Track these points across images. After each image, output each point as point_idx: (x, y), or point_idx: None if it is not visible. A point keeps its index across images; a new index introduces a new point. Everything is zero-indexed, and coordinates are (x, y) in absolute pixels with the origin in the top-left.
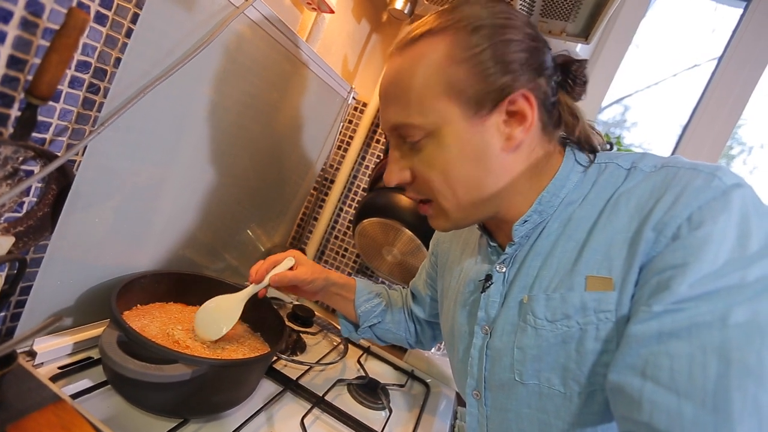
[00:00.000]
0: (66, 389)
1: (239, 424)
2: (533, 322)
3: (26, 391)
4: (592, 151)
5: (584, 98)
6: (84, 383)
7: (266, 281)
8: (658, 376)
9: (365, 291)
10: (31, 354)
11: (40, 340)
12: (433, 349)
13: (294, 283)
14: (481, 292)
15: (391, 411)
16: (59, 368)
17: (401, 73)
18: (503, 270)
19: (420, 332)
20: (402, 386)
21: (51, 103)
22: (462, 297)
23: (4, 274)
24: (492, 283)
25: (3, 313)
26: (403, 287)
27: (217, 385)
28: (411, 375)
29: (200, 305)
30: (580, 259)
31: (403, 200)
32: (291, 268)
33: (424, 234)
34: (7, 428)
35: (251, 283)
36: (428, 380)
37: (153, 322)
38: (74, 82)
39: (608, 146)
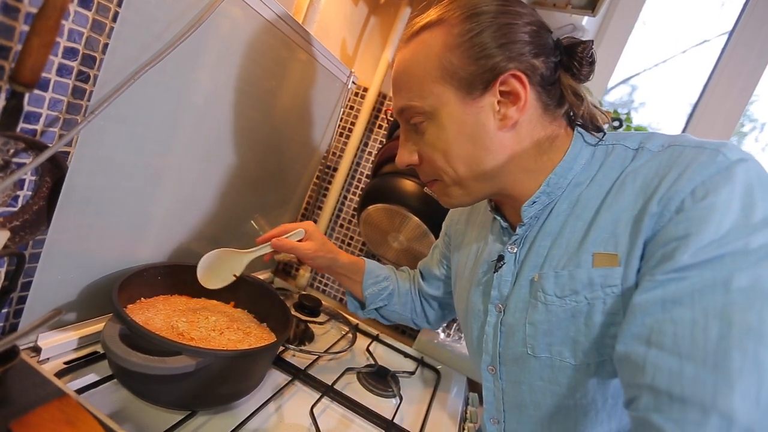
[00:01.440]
0: (72, 384)
1: (248, 415)
2: (543, 299)
3: (30, 387)
4: (599, 130)
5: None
6: (90, 378)
7: (265, 249)
8: (662, 342)
9: (373, 274)
10: (36, 350)
11: (45, 335)
12: (442, 336)
13: (293, 253)
14: (494, 272)
15: (401, 398)
16: (65, 363)
17: (405, 63)
18: (514, 250)
19: (428, 311)
20: (412, 373)
21: (39, 92)
22: (476, 277)
23: (3, 270)
24: (504, 263)
25: (5, 310)
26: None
27: (224, 376)
28: (421, 362)
29: (207, 298)
30: (588, 237)
31: (408, 185)
32: (301, 240)
33: (431, 219)
34: (11, 425)
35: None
36: (438, 367)
37: (157, 314)
38: (62, 70)
39: (617, 123)
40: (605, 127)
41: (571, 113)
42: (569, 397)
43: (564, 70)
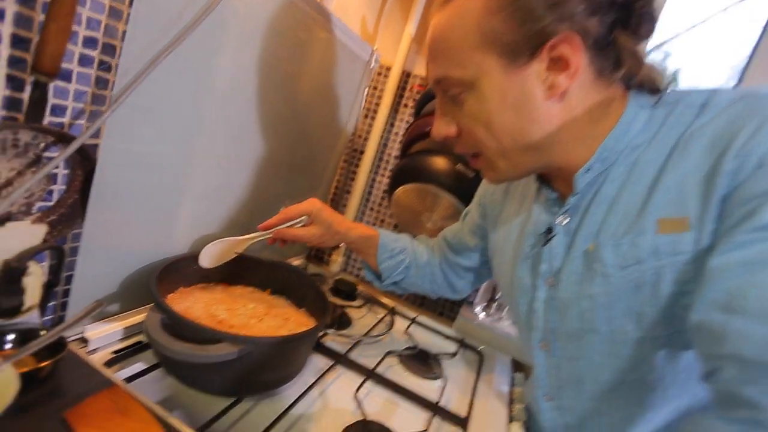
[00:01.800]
0: (120, 373)
1: (293, 400)
2: (602, 270)
3: (80, 377)
4: (657, 91)
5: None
6: (138, 366)
7: (270, 233)
8: (745, 307)
9: (387, 248)
10: (84, 341)
11: (91, 327)
12: (482, 316)
13: (297, 242)
14: (543, 245)
15: (446, 380)
16: (113, 353)
17: (441, 29)
18: (565, 221)
19: (456, 281)
20: (454, 355)
21: (63, 83)
22: (522, 251)
23: (46, 264)
24: (554, 235)
25: (52, 303)
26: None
27: (267, 362)
28: (461, 343)
29: (244, 285)
30: (649, 202)
31: (439, 163)
32: (306, 224)
33: (464, 196)
34: (65, 414)
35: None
36: (480, 348)
37: (196, 303)
38: (83, 60)
39: (672, 81)
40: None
41: (629, 76)
42: (632, 371)
43: (621, 29)
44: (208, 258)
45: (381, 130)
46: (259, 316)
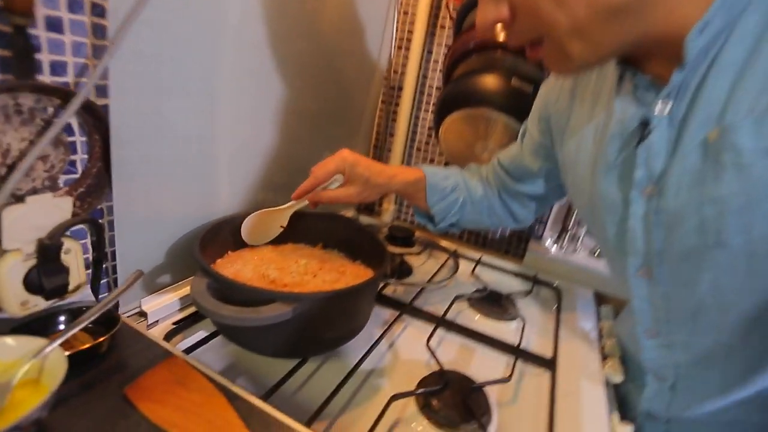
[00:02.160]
0: (183, 344)
1: (362, 355)
2: (734, 161)
3: (139, 351)
4: None
5: None
6: (199, 335)
7: (304, 202)
8: None
9: (437, 188)
10: (143, 314)
11: (146, 300)
12: (554, 249)
13: (335, 202)
14: (636, 146)
15: (523, 320)
16: (173, 324)
17: None
18: (667, 108)
19: (518, 211)
20: (528, 293)
21: (55, 35)
22: (603, 160)
23: (87, 241)
24: (652, 130)
25: (105, 280)
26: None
27: (326, 318)
28: (535, 280)
29: (293, 243)
30: None
31: (488, 81)
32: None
33: (523, 114)
34: (126, 390)
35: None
36: (555, 283)
37: (246, 265)
38: (72, 5)
39: None
40: None
41: None
42: None
43: None
44: (250, 234)
45: (418, 60)
46: (313, 271)
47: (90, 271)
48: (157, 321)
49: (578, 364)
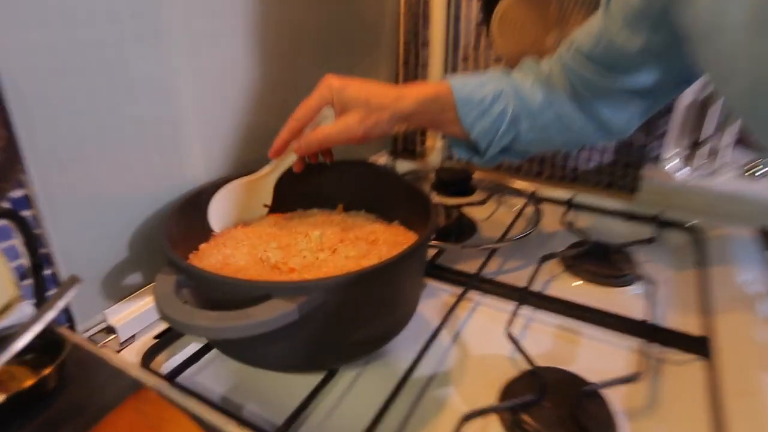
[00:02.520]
0: (168, 364)
1: (414, 357)
2: None
3: (103, 383)
4: None
5: None
6: (191, 349)
7: (292, 157)
8: None
9: (472, 100)
10: (111, 331)
11: (112, 311)
12: (683, 172)
13: (331, 144)
14: None
15: (647, 282)
16: (155, 338)
17: None
18: None
19: (610, 117)
20: (650, 241)
21: None
22: None
23: (15, 243)
24: None
25: (53, 291)
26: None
27: (353, 312)
28: (658, 221)
29: (298, 210)
30: None
31: None
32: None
33: None
34: None
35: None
36: (690, 223)
37: (239, 248)
38: None
39: None
40: None
41: None
42: None
43: None
44: (220, 218)
45: None
46: (332, 245)
47: (28, 281)
48: (133, 336)
49: (748, 344)
